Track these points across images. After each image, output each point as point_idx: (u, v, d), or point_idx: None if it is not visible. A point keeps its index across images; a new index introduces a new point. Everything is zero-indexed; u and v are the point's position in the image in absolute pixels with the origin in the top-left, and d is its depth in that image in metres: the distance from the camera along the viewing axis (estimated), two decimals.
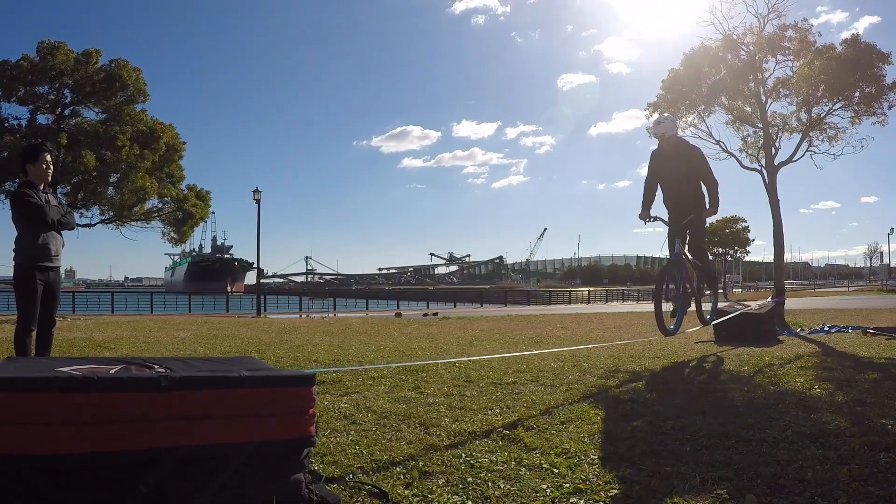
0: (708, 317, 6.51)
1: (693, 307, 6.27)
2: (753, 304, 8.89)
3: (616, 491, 2.08)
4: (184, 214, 20.42)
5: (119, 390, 1.79)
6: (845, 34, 12.23)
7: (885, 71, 11.76)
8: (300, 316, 24.52)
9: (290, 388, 2.02)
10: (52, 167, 5.04)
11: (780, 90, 12.66)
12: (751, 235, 53.85)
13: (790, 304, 14.82)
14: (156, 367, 2.20)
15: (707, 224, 6.05)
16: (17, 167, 17.85)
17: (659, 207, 6.02)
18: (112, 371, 2.05)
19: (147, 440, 1.78)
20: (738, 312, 7.76)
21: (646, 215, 5.90)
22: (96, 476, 1.74)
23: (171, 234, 20.81)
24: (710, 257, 6.26)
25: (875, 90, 11.75)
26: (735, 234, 53.29)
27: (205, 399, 1.88)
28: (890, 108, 11.96)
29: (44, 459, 1.68)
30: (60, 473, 1.71)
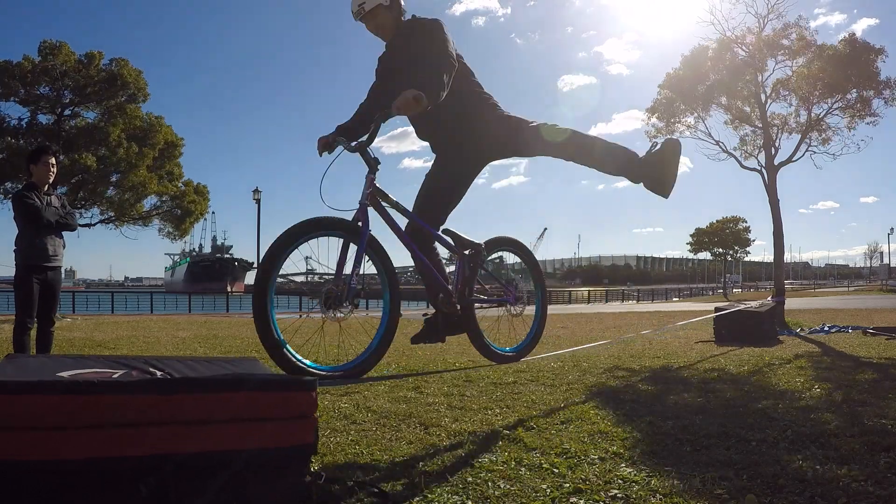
0: (519, 346, 4.09)
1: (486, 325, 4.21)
2: (753, 304, 8.89)
3: (616, 491, 2.08)
4: (182, 211, 20.46)
5: (119, 393, 1.79)
6: (842, 36, 12.26)
7: (879, 66, 11.82)
8: (300, 316, 24.50)
9: (291, 393, 2.00)
10: (54, 169, 5.18)
11: (780, 90, 12.70)
12: (751, 235, 53.98)
13: (790, 303, 14.83)
14: (157, 371, 2.20)
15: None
16: (15, 168, 17.96)
17: None
18: (115, 376, 2.05)
19: (147, 445, 1.77)
20: (735, 309, 7.77)
21: (327, 141, 3.67)
22: (94, 481, 1.73)
23: (170, 229, 20.86)
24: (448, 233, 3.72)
25: (872, 88, 11.81)
26: (735, 234, 53.35)
27: (205, 403, 1.87)
28: (887, 104, 12.02)
29: (43, 465, 1.68)
30: (60, 478, 1.70)
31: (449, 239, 3.97)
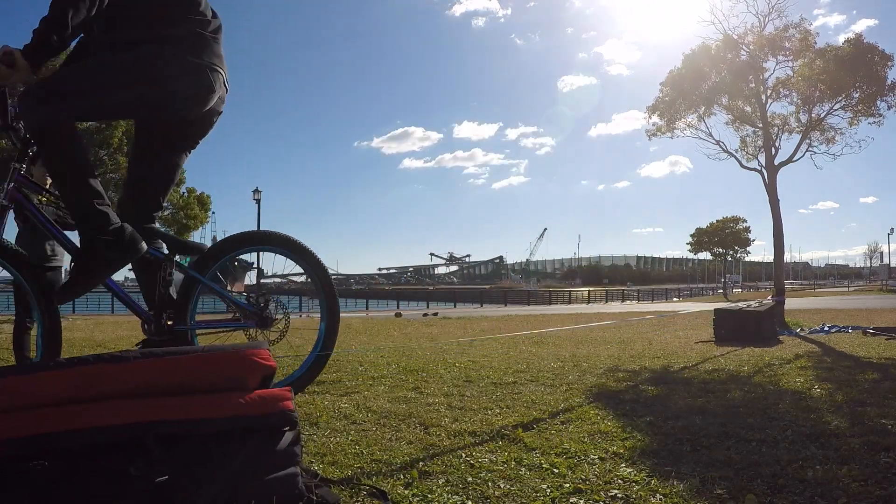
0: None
1: None
2: (753, 304, 8.90)
3: (616, 491, 2.08)
4: (182, 223, 20.36)
5: (78, 367, 1.78)
6: (843, 37, 12.19)
7: (887, 72, 11.77)
8: (300, 316, 24.50)
9: (240, 353, 1.92)
10: None
11: (781, 90, 12.67)
12: (751, 235, 53.95)
13: (790, 303, 14.83)
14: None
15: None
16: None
17: None
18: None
19: (114, 416, 1.75)
20: (735, 308, 7.77)
21: None
22: (84, 467, 1.73)
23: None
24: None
25: (875, 90, 11.75)
26: (735, 234, 53.35)
27: (149, 372, 1.84)
28: (889, 108, 11.97)
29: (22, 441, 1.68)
30: (51, 464, 1.70)
31: (158, 243, 2.92)
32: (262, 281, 32.67)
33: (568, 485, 2.15)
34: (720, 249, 54.62)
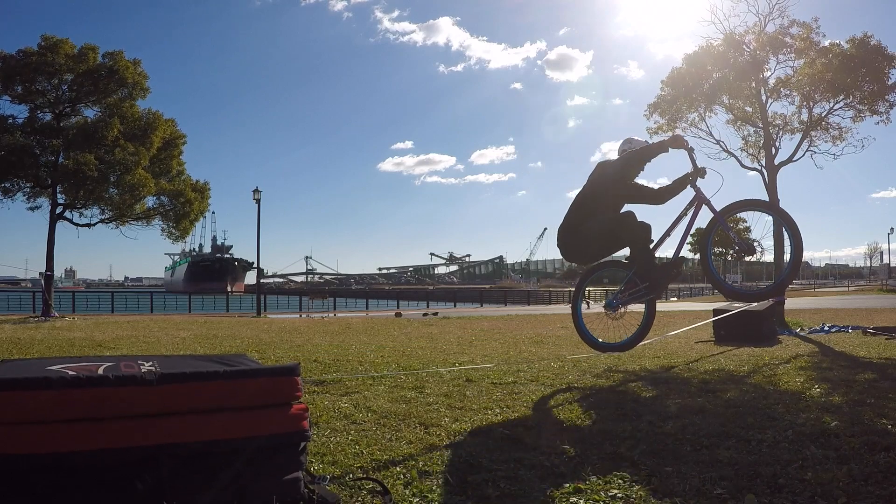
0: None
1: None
2: (753, 303, 8.88)
3: (616, 491, 2.08)
4: (180, 210, 20.21)
5: (103, 387, 1.79)
6: (849, 36, 12.11)
7: (889, 72, 11.73)
8: (300, 316, 24.48)
9: (274, 379, 2.00)
10: None
11: (781, 90, 12.64)
12: (751, 235, 53.90)
13: (790, 303, 14.83)
14: (142, 362, 2.20)
15: None
16: (16, 166, 17.81)
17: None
18: (101, 368, 2.06)
19: (133, 438, 1.77)
20: (735, 311, 7.76)
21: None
22: (90, 478, 1.74)
23: (172, 229, 20.64)
24: None
25: (878, 88, 11.71)
26: (735, 234, 53.26)
27: (188, 394, 1.87)
28: (891, 107, 11.94)
29: (33, 458, 1.68)
30: (57, 475, 1.71)
31: None
32: (261, 281, 32.64)
33: (568, 485, 2.15)
34: (720, 249, 54.63)
